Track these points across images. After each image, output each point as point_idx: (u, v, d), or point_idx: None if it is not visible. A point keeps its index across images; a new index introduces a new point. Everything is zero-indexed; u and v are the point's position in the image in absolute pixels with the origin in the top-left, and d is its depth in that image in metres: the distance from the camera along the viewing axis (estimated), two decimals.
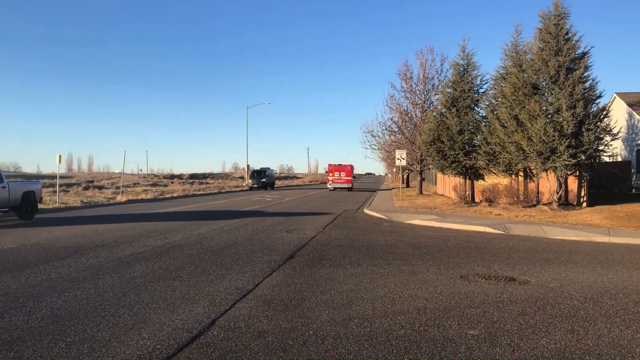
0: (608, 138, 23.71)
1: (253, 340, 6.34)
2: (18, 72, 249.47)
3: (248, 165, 74.22)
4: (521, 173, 27.92)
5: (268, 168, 69.98)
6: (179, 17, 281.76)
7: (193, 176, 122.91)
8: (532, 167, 25.96)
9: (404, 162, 34.78)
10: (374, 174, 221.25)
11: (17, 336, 6.49)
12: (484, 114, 30.65)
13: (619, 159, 39.25)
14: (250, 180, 66.29)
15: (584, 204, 24.90)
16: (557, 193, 24.67)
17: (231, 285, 9.19)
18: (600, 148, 23.46)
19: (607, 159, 37.09)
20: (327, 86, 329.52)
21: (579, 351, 6.11)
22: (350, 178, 61.36)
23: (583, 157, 22.77)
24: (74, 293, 8.61)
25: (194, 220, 21.33)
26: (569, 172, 23.94)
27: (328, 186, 62.18)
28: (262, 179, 66.04)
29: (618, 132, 26.06)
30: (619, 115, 38.88)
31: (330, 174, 61.50)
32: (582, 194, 25.47)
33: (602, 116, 23.34)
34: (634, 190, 33.26)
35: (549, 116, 23.60)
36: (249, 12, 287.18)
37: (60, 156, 30.84)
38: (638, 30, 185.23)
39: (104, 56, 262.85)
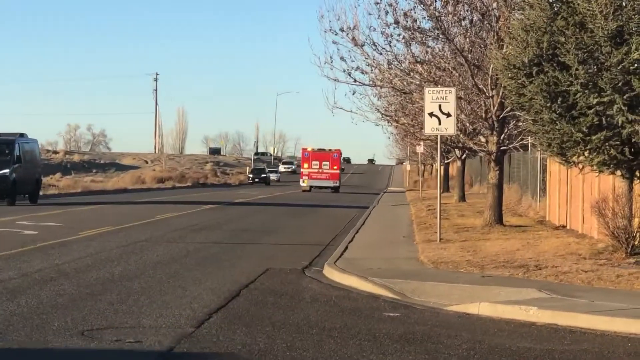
0: None
1: None
2: None
3: None
4: None
5: (19, 136, 28.06)
6: None
7: None
8: None
9: (450, 128, 14.25)
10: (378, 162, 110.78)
11: None
12: None
13: None
14: None
15: None
16: None
17: None
18: None
19: None
20: None
21: None
22: (337, 171, 40.98)
23: None
24: None
25: None
26: None
27: (301, 184, 41.41)
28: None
29: None
30: None
31: (305, 164, 40.72)
32: None
33: None
34: None
35: None
36: None
37: None
38: None
39: None
